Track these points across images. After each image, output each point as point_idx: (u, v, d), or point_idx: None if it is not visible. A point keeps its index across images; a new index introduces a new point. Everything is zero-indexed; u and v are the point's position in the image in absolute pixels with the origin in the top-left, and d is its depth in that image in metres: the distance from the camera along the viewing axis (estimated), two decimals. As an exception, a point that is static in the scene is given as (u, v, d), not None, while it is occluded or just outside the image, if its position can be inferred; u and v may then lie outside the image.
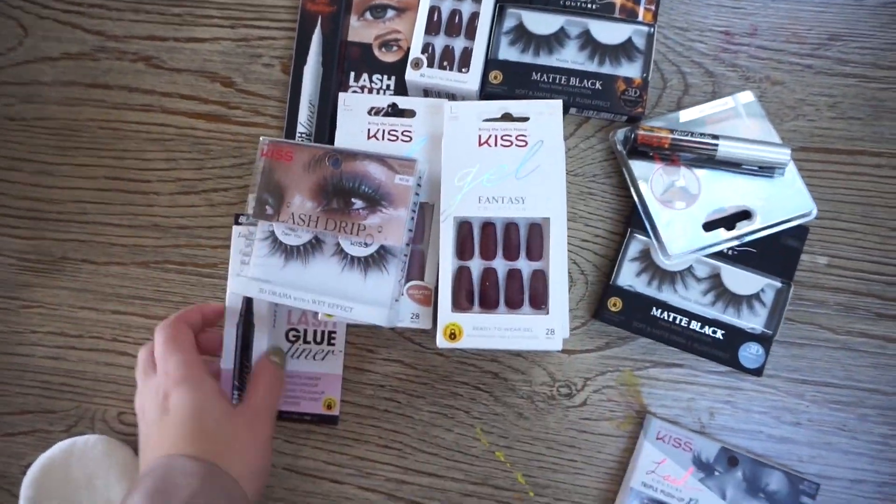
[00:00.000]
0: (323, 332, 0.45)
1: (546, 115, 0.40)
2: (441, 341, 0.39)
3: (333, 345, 0.45)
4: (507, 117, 0.41)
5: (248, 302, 0.43)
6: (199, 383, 0.39)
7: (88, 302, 0.47)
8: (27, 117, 0.49)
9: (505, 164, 0.40)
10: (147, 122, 0.48)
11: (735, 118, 0.43)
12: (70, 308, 0.48)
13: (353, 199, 0.40)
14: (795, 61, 0.45)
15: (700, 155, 0.42)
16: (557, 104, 0.41)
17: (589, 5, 0.44)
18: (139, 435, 0.39)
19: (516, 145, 0.40)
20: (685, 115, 0.44)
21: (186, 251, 0.47)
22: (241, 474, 0.37)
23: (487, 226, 0.40)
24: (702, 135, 0.42)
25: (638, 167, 0.43)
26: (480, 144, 0.40)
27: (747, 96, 0.44)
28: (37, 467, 0.44)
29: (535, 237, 0.40)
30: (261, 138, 0.41)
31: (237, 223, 0.44)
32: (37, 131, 0.48)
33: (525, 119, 0.40)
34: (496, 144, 0.40)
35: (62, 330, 0.48)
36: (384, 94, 0.46)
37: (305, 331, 0.45)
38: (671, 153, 0.42)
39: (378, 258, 0.40)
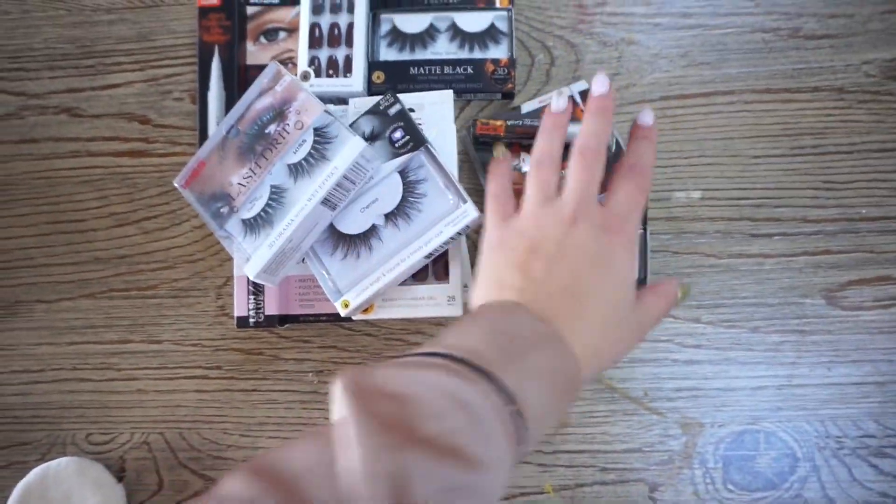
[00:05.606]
0: None
1: (438, 104, 0.45)
2: (347, 312, 0.43)
3: None
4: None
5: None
6: (632, 249, 0.35)
7: (45, 338, 0.51)
8: (-34, 179, 0.53)
9: None
10: (76, 167, 0.52)
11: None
12: (29, 346, 0.52)
13: (265, 131, 0.43)
14: (645, 21, 0.50)
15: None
16: (448, 94, 0.45)
17: (451, 1, 0.49)
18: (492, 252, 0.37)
19: None
20: (526, 106, 0.48)
21: (128, 277, 0.51)
22: (583, 354, 0.32)
23: None
24: (532, 123, 0.46)
25: (484, 157, 0.48)
26: None
27: (582, 86, 0.47)
28: (15, 494, 0.48)
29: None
30: (174, 182, 0.46)
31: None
32: (-23, 191, 0.53)
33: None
34: None
35: (25, 367, 0.52)
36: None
37: None
38: (510, 141, 0.47)
39: (321, 140, 0.42)
